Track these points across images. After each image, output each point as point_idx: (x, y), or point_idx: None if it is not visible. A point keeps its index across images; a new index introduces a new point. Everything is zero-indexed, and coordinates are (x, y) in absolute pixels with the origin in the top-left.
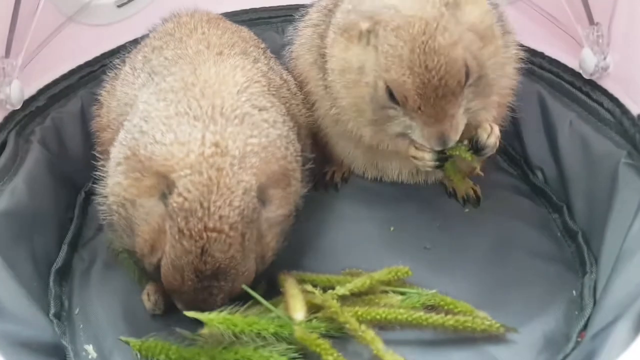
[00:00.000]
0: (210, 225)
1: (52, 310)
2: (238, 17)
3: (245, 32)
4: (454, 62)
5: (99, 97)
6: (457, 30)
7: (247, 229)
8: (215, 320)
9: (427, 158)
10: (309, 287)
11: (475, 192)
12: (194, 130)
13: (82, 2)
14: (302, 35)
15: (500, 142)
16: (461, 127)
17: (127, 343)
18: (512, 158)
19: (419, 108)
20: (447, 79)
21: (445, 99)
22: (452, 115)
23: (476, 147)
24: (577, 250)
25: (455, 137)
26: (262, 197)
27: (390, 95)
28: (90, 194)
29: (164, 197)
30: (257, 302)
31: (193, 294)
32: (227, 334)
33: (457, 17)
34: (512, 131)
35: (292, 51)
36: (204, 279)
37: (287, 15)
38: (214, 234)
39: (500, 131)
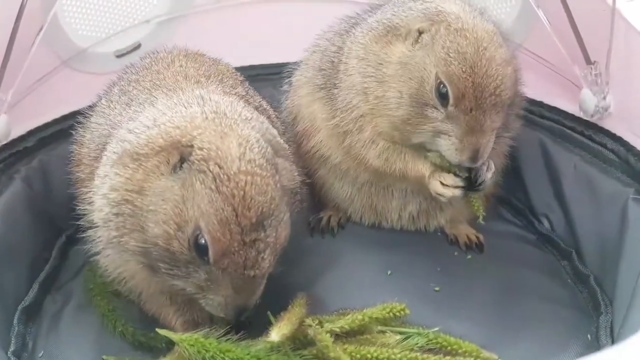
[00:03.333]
0: (243, 168)
1: (12, 348)
2: None
3: (222, 65)
4: (508, 76)
5: (76, 135)
6: (506, 50)
7: (274, 172)
8: (186, 341)
9: (456, 192)
10: (308, 320)
11: (478, 238)
12: (190, 109)
13: (78, 47)
14: (308, 61)
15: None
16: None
17: None
18: (517, 209)
19: (471, 110)
20: (502, 90)
21: (495, 109)
22: (493, 130)
23: (474, 180)
24: (589, 295)
25: (485, 157)
26: None
27: (438, 93)
28: (72, 238)
29: (175, 169)
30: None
31: (241, 254)
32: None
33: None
34: (515, 182)
35: (294, 80)
36: (250, 231)
37: (286, 72)
38: (249, 177)
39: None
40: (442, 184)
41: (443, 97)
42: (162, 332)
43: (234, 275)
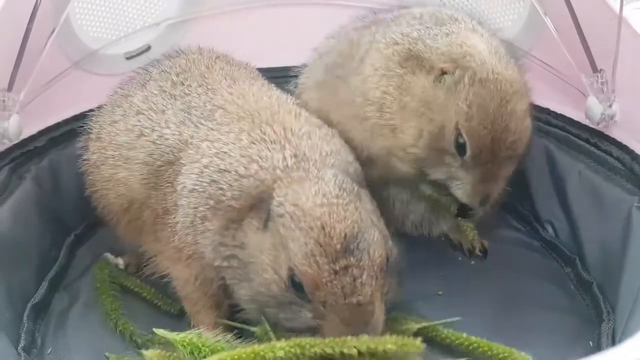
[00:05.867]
0: (318, 202)
1: (22, 344)
2: None
3: (251, 68)
4: (527, 129)
5: (91, 131)
6: (527, 100)
7: (355, 198)
8: (180, 341)
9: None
10: None
11: (482, 244)
12: (274, 153)
13: (89, 49)
14: (315, 65)
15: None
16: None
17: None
18: (521, 215)
19: (487, 162)
20: (518, 145)
21: (509, 161)
22: (505, 178)
23: (465, 209)
24: (592, 302)
25: (493, 200)
26: None
27: (457, 143)
28: (80, 237)
29: (266, 223)
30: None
31: (335, 283)
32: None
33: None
34: (519, 188)
35: (300, 83)
36: (338, 258)
37: (293, 75)
38: (325, 208)
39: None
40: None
41: (460, 148)
42: (158, 332)
43: (337, 307)
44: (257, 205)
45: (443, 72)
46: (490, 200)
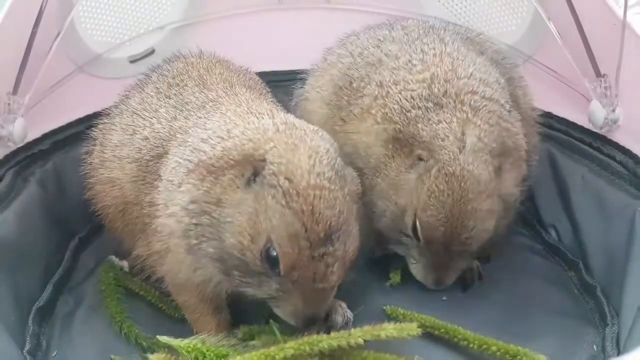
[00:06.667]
0: (312, 182)
1: (27, 347)
2: None
3: (251, 74)
4: (487, 229)
5: (95, 137)
6: (495, 200)
7: (343, 184)
8: (184, 347)
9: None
10: None
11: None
12: (261, 120)
13: (94, 53)
14: (324, 73)
15: None
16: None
17: None
18: (524, 219)
19: (438, 252)
20: (474, 242)
21: (462, 254)
22: (459, 269)
23: None
24: (596, 306)
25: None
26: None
27: (414, 227)
28: (84, 240)
29: (249, 182)
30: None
31: (310, 267)
32: None
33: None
34: (523, 192)
35: (306, 91)
36: (319, 245)
37: (299, 78)
38: (317, 191)
39: None
40: None
41: (415, 234)
42: (162, 339)
43: (303, 287)
44: (241, 162)
45: (419, 159)
46: (442, 283)
